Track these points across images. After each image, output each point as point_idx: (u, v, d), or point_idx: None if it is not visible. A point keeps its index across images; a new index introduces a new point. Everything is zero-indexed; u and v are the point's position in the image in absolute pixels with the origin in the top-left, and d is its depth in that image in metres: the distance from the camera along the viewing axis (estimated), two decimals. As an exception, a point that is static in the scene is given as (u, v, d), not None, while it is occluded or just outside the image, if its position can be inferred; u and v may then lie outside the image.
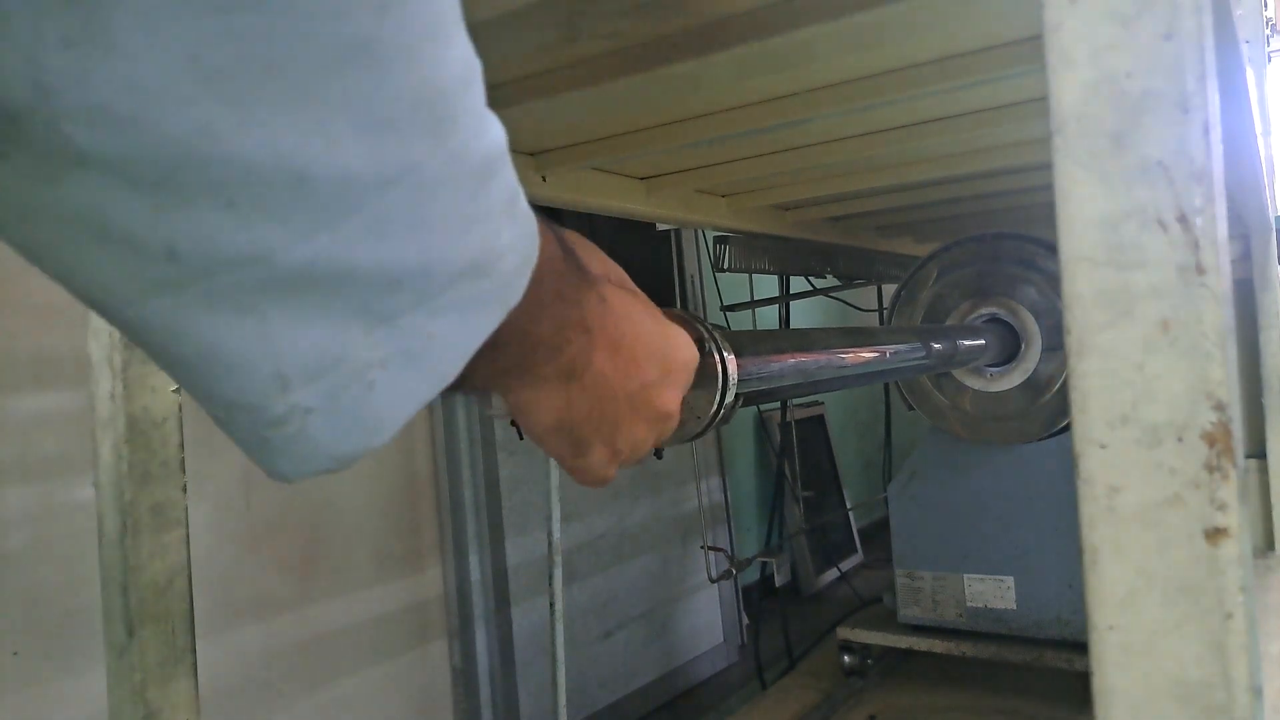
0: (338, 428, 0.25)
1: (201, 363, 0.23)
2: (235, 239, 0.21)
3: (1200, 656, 0.23)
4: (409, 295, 0.24)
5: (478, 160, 0.24)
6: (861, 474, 3.45)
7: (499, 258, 0.26)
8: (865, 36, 0.66)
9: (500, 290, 0.27)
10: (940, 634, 1.40)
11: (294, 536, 1.59)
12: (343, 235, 0.22)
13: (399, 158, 0.22)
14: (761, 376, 0.59)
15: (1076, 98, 0.25)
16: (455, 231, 0.24)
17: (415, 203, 0.23)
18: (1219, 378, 0.23)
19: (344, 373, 0.24)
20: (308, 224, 0.21)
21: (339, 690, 1.64)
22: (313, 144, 0.20)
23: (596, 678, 2.03)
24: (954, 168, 1.11)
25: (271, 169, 0.20)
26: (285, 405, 0.24)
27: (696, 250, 2.37)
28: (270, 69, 0.19)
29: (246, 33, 0.19)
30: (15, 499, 1.25)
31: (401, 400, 0.26)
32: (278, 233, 0.21)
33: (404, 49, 0.21)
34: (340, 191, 0.21)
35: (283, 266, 0.22)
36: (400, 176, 0.22)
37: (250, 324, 0.22)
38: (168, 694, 0.70)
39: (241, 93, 0.19)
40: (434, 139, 0.22)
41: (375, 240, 0.22)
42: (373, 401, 0.25)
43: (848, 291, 2.00)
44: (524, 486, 1.87)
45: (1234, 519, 0.23)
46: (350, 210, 0.22)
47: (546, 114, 0.78)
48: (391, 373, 0.25)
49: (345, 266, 0.22)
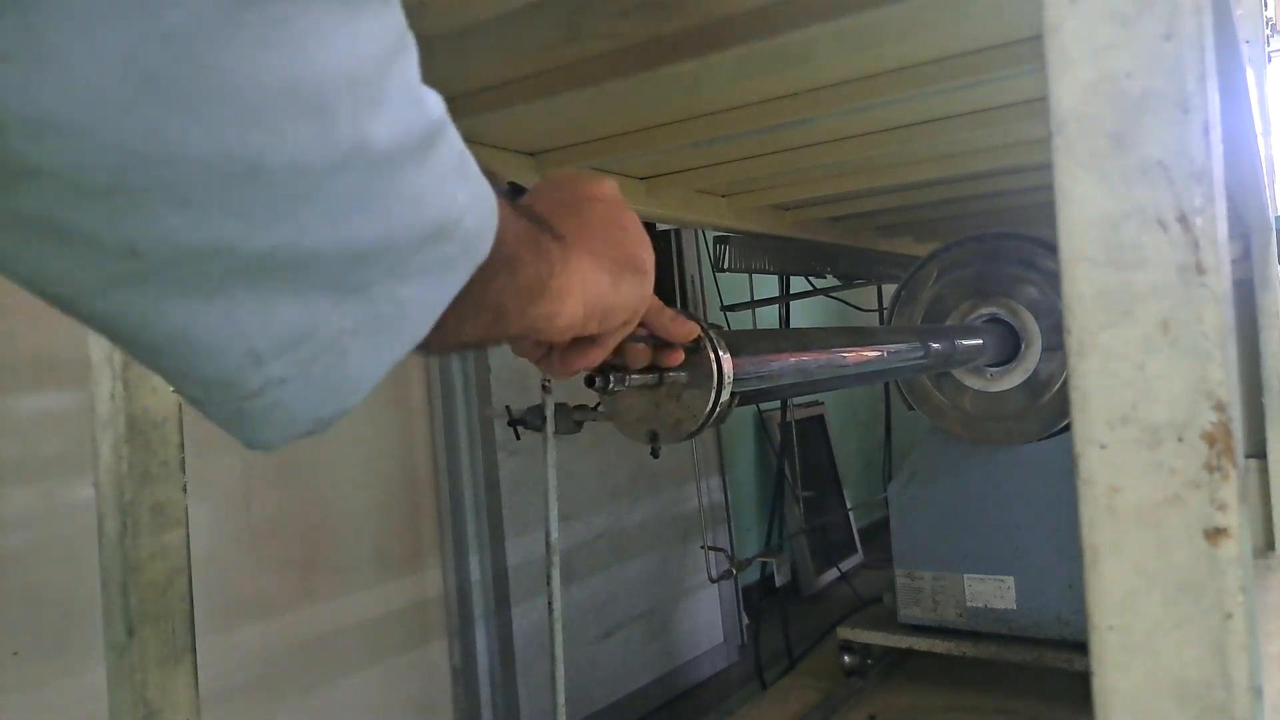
0: (313, 394, 0.25)
1: (172, 346, 0.23)
2: (195, 234, 0.21)
3: (1200, 656, 0.23)
4: (377, 267, 0.25)
5: (420, 129, 0.25)
6: (861, 474, 3.45)
7: (458, 220, 0.27)
8: (865, 36, 0.66)
9: (465, 250, 0.28)
10: (940, 634, 1.40)
11: (294, 536, 1.59)
12: (302, 221, 0.22)
13: (346, 139, 0.22)
14: (758, 375, 0.59)
15: (1076, 98, 0.25)
16: (412, 202, 0.25)
17: (369, 180, 0.23)
18: (1219, 378, 0.23)
19: (317, 343, 0.24)
20: (266, 214, 0.21)
21: (339, 690, 1.64)
22: (259, 136, 0.20)
23: (596, 678, 2.03)
24: (954, 168, 1.11)
25: (222, 165, 0.20)
26: (260, 379, 0.24)
27: (696, 250, 2.37)
28: (206, 65, 0.19)
29: (177, 31, 0.18)
30: (15, 499, 1.25)
31: (375, 362, 0.26)
32: (238, 224, 0.21)
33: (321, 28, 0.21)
34: (294, 179, 0.21)
35: (246, 255, 0.22)
36: (350, 158, 0.22)
37: (219, 307, 0.22)
38: (168, 694, 0.70)
39: (182, 92, 0.19)
40: (372, 115, 0.23)
41: (335, 222, 0.23)
42: (346, 366, 0.26)
43: (848, 291, 2.00)
44: (524, 486, 1.87)
45: (1234, 519, 0.23)
46: (307, 196, 0.22)
47: (546, 114, 0.78)
48: (364, 338, 0.26)
49: (309, 249, 0.23)
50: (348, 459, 1.68)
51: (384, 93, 0.23)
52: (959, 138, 0.96)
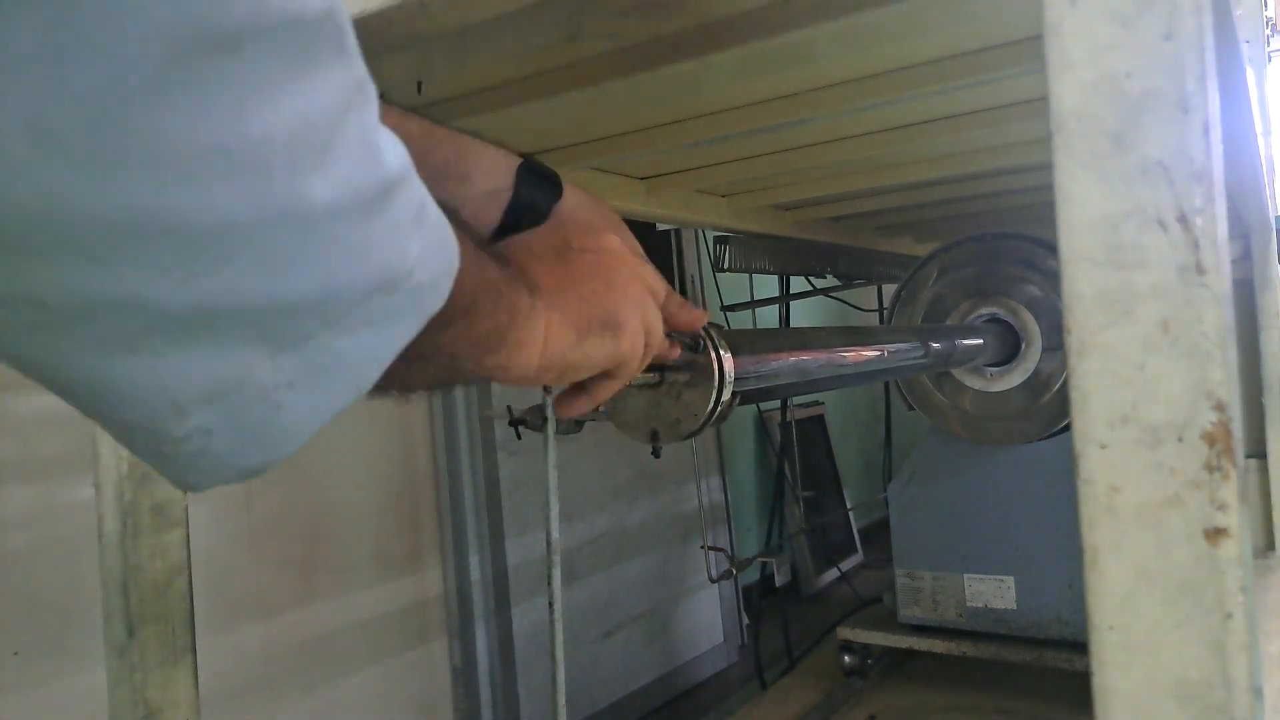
0: (243, 444, 0.24)
1: (88, 393, 0.22)
2: (107, 289, 0.20)
3: (1200, 656, 0.23)
4: (314, 321, 0.24)
5: (373, 184, 0.24)
6: (861, 474, 3.45)
7: (409, 273, 0.26)
8: (865, 36, 0.66)
9: (415, 302, 0.27)
10: (940, 634, 1.40)
11: (294, 536, 1.59)
12: (229, 277, 0.21)
13: (281, 197, 0.21)
14: (759, 375, 0.59)
15: (1076, 98, 0.25)
16: (355, 256, 0.24)
17: (305, 237, 0.22)
18: (1219, 378, 0.23)
19: (247, 395, 0.23)
20: (187, 271, 0.20)
21: (339, 690, 1.64)
22: (181, 195, 0.19)
23: (597, 678, 2.03)
24: (954, 168, 1.11)
25: (134, 224, 0.19)
26: (184, 429, 0.23)
27: (696, 250, 2.37)
28: (123, 126, 0.18)
29: (92, 92, 0.17)
30: (15, 499, 1.25)
31: (313, 414, 0.25)
32: (155, 281, 0.20)
33: (263, 86, 0.20)
34: (220, 237, 0.20)
35: (167, 311, 0.21)
36: (285, 215, 0.21)
37: (140, 360, 0.21)
38: (168, 694, 0.70)
39: (92, 153, 0.18)
40: (315, 172, 0.21)
41: (266, 277, 0.22)
42: (280, 418, 0.24)
43: (848, 291, 2.00)
44: (524, 486, 1.87)
45: (1234, 519, 0.23)
46: (234, 253, 0.21)
47: (546, 114, 0.78)
48: (301, 391, 0.24)
49: (236, 305, 0.22)
50: (348, 459, 1.68)
51: (331, 148, 0.22)
52: (959, 138, 0.96)
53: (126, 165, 0.18)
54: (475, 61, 0.64)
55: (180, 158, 0.19)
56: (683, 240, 2.33)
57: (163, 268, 0.20)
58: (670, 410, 0.55)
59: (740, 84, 0.75)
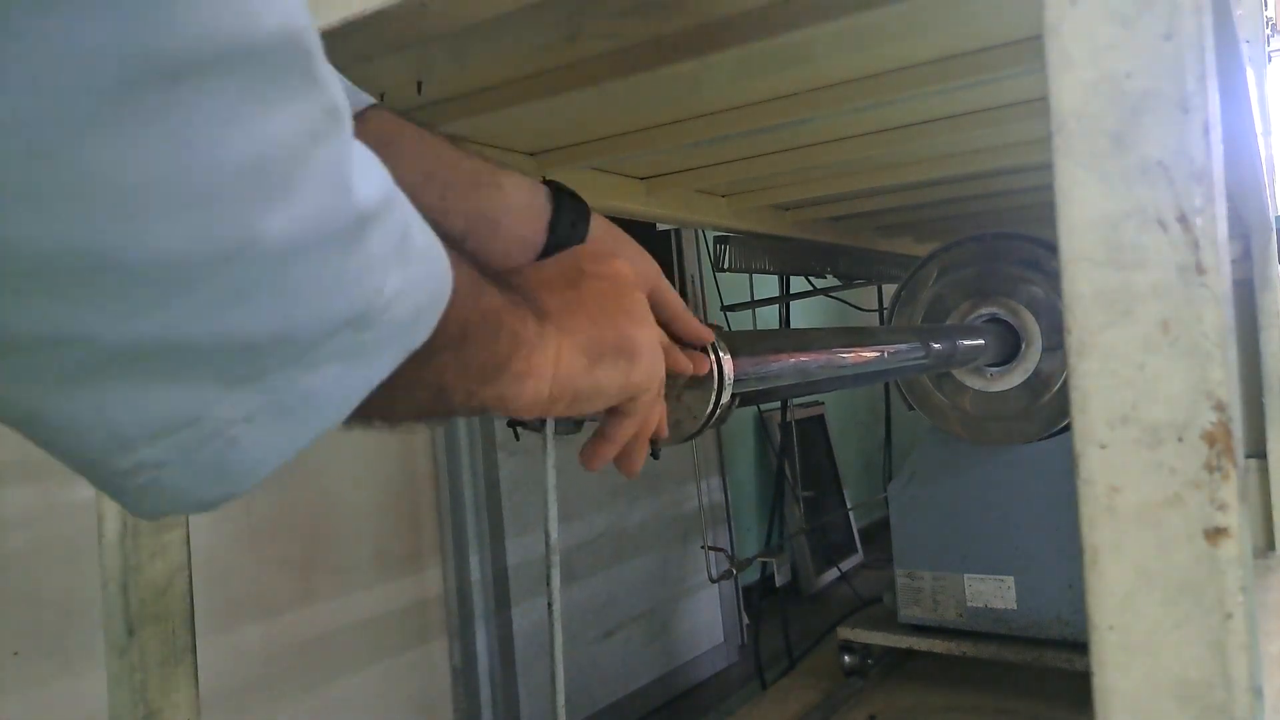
0: (198, 478, 0.23)
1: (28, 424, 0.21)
2: (41, 324, 0.19)
3: (1200, 656, 0.23)
4: (273, 357, 0.23)
5: (343, 218, 0.22)
6: (861, 474, 3.45)
7: (384, 308, 0.25)
8: (865, 36, 0.66)
9: (393, 337, 0.26)
10: (940, 634, 1.40)
11: (294, 536, 1.59)
12: (178, 313, 0.20)
13: (232, 233, 0.20)
14: (759, 376, 0.59)
15: (1076, 98, 0.25)
16: (320, 293, 0.23)
17: (259, 273, 0.21)
18: (1219, 378, 0.23)
19: (200, 430, 0.22)
20: (129, 308, 0.19)
21: (339, 690, 1.64)
22: (120, 230, 0.18)
23: (597, 678, 2.03)
24: (954, 168, 1.11)
25: (67, 260, 0.18)
26: (130, 462, 0.22)
27: (696, 250, 2.37)
28: (54, 159, 0.17)
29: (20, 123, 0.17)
30: (15, 499, 1.25)
31: (273, 450, 0.24)
32: (95, 317, 0.19)
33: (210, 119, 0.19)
34: (166, 273, 0.19)
35: (110, 347, 0.20)
36: (236, 251, 0.20)
37: (81, 395, 0.21)
38: (168, 694, 0.70)
39: (17, 186, 0.17)
40: (271, 207, 0.20)
41: (220, 314, 0.21)
42: (236, 454, 0.23)
43: (848, 291, 2.00)
44: (524, 486, 1.87)
45: (1234, 519, 0.23)
46: (183, 289, 0.20)
47: (546, 114, 0.78)
48: (260, 426, 0.23)
49: (184, 341, 0.21)
50: (348, 459, 1.68)
51: (292, 182, 0.21)
52: (959, 138, 0.96)
53: (59, 199, 0.17)
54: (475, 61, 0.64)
55: (115, 193, 0.18)
56: (683, 240, 2.33)
57: (99, 305, 0.19)
58: (670, 412, 0.55)
59: (740, 84, 0.76)
